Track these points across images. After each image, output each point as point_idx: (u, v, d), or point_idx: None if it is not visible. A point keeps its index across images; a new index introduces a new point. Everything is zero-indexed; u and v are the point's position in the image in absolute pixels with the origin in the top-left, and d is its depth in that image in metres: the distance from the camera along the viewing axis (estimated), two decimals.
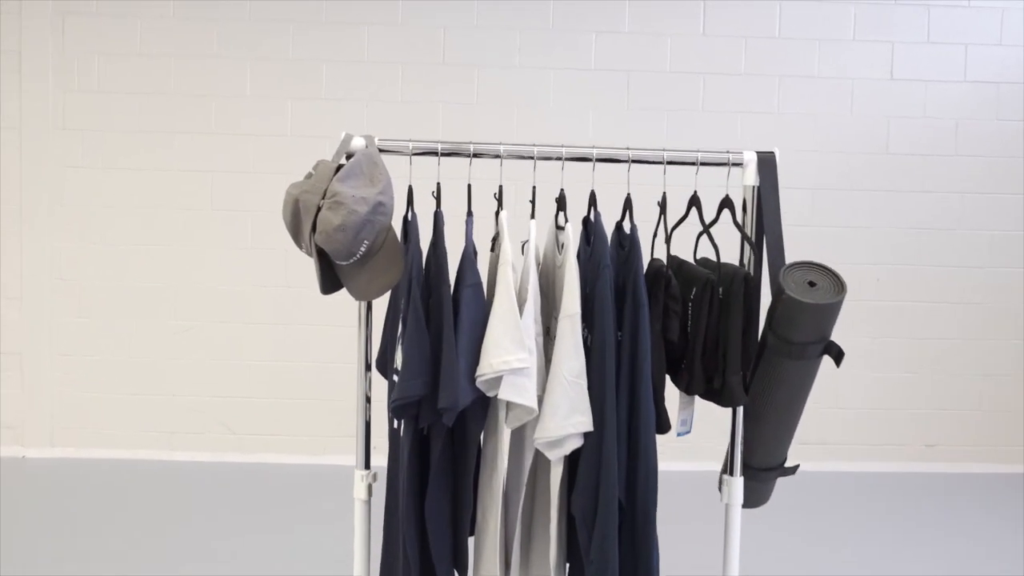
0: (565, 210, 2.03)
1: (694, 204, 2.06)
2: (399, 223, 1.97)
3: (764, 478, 2.12)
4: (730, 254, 2.07)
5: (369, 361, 2.10)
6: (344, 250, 1.81)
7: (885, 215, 4.36)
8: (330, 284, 1.91)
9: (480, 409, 1.95)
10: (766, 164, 1.99)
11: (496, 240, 2.05)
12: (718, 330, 1.96)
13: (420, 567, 1.99)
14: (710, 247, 2.04)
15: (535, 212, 2.03)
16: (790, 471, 2.14)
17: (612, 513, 1.88)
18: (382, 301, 2.00)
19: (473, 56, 4.24)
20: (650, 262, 2.04)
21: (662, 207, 2.08)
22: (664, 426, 1.98)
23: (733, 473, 2.10)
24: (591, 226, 2.00)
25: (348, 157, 1.95)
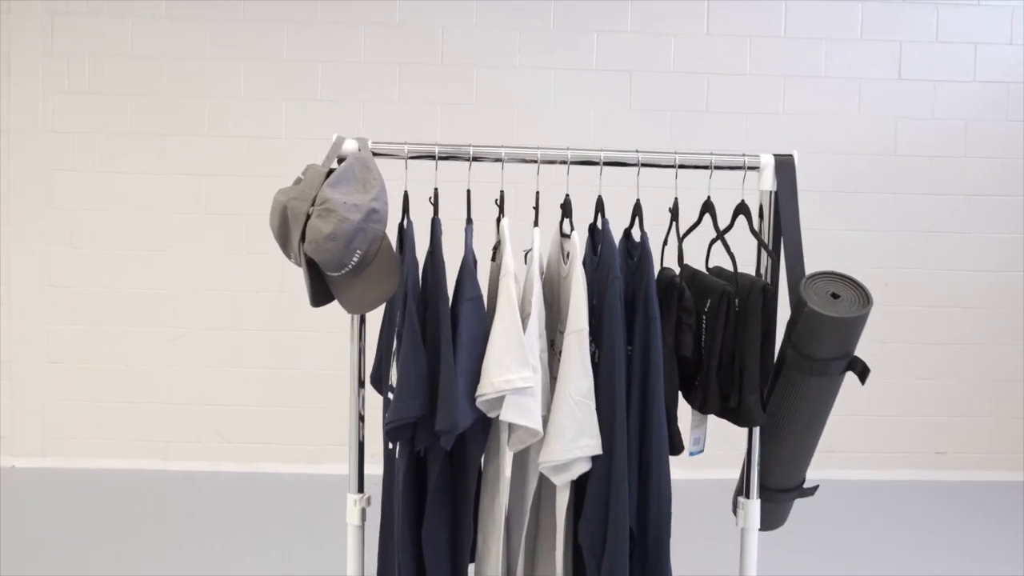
0: (571, 217, 1.94)
1: (707, 210, 1.96)
2: (394, 231, 1.88)
3: (781, 499, 2.02)
4: (742, 263, 1.97)
5: (362, 377, 2.00)
6: (335, 260, 1.71)
7: (893, 217, 4.30)
8: (321, 296, 1.82)
9: (481, 430, 1.84)
10: (784, 168, 1.90)
11: (497, 249, 1.95)
12: (734, 345, 1.86)
13: None
14: (719, 256, 1.94)
15: (539, 219, 1.95)
16: (809, 492, 2.04)
17: (622, 542, 1.77)
18: (377, 312, 1.91)
19: (472, 56, 4.20)
20: (660, 272, 1.94)
21: (674, 213, 1.97)
22: (677, 448, 1.88)
23: (750, 495, 1.99)
24: (599, 234, 1.91)
25: (340, 161, 1.85)
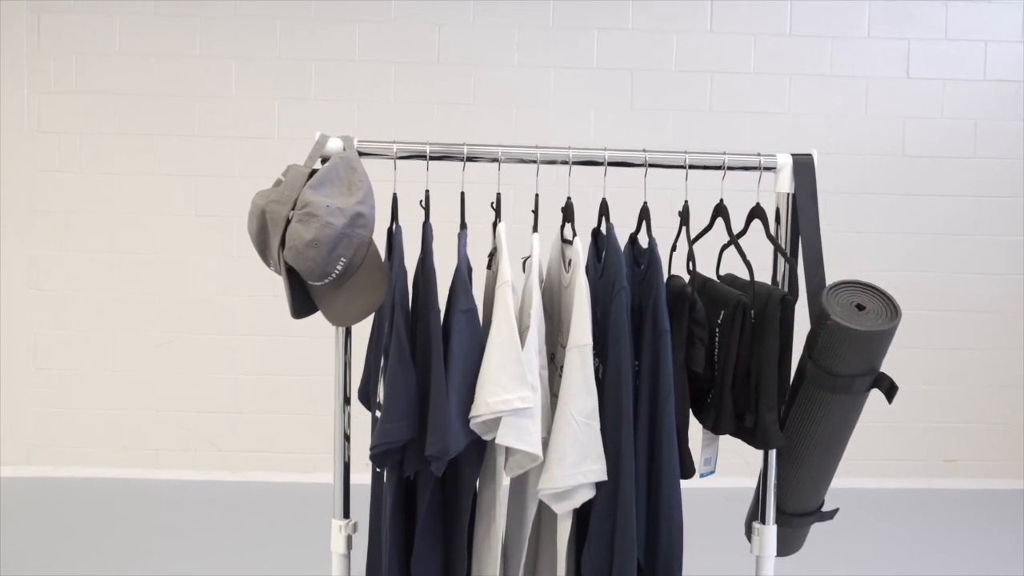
0: (573, 221, 1.83)
1: (720, 214, 1.83)
2: (382, 237, 1.77)
3: (798, 524, 1.88)
4: (756, 271, 1.85)
5: (348, 394, 1.88)
6: (318, 269, 1.59)
7: (901, 219, 4.24)
8: (303, 307, 1.70)
9: (475, 453, 1.70)
10: (803, 168, 1.77)
11: (493, 256, 1.83)
12: (750, 360, 1.73)
13: None
14: (730, 262, 1.82)
15: (538, 224, 1.84)
16: (828, 516, 1.91)
17: (629, 574, 1.64)
18: (365, 323, 1.79)
19: (470, 55, 4.14)
20: (669, 280, 1.81)
21: (683, 217, 1.84)
22: (688, 471, 1.74)
23: (766, 521, 1.86)
24: (603, 239, 1.78)
25: (324, 161, 1.74)
